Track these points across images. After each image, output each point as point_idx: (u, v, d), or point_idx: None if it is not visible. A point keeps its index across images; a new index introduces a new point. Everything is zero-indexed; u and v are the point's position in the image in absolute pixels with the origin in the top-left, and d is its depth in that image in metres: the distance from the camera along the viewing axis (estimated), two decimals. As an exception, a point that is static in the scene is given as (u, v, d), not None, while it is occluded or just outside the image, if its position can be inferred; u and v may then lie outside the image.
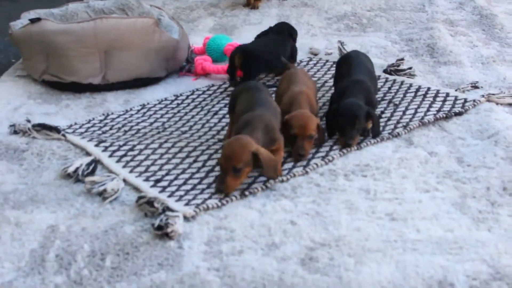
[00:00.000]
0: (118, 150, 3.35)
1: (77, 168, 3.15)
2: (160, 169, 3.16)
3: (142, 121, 3.74)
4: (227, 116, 3.64)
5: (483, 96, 3.90)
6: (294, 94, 3.45)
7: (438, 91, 3.99)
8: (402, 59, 4.46)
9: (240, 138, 2.93)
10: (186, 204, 2.86)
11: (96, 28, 4.09)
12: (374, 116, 3.42)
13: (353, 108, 3.37)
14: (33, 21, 4.19)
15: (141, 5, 4.78)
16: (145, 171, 3.15)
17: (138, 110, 3.88)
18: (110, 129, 3.64)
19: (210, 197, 2.91)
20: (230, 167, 2.87)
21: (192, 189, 2.99)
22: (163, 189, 2.99)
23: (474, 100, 3.84)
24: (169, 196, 2.93)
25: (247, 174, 2.95)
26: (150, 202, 2.83)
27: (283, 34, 4.45)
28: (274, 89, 3.87)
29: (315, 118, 3.31)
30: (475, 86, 4.08)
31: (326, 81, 4.26)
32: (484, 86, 4.12)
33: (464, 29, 5.30)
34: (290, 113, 3.33)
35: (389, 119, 3.67)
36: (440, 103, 3.84)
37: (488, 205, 2.89)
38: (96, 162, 3.24)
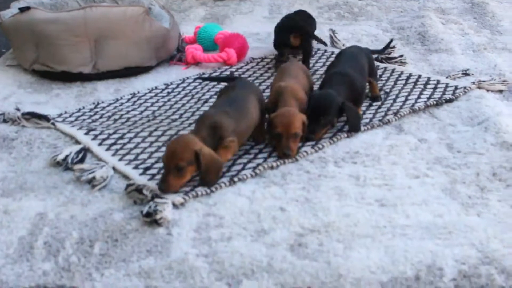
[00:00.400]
0: (107, 138, 3.34)
1: (67, 156, 3.14)
2: (149, 157, 3.15)
3: (132, 110, 3.73)
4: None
5: (473, 83, 3.90)
6: (280, 89, 3.36)
7: (429, 79, 3.99)
8: (394, 47, 4.45)
9: (183, 136, 2.87)
10: (175, 192, 2.85)
11: (86, 17, 4.07)
12: (348, 110, 3.35)
13: (320, 100, 3.33)
14: (22, 10, 4.17)
15: (131, -6, 4.77)
16: (135, 159, 3.14)
17: (128, 99, 3.87)
18: (100, 117, 3.63)
19: (199, 184, 2.90)
20: (172, 166, 2.79)
21: (181, 176, 2.98)
22: (152, 176, 2.98)
23: (464, 87, 3.84)
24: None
25: (191, 174, 2.85)
26: (139, 190, 2.82)
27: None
28: None
29: (300, 115, 3.19)
30: (466, 73, 4.09)
31: (317, 70, 4.25)
32: (475, 73, 4.12)
33: (455, 17, 5.30)
34: (276, 108, 3.26)
35: (379, 107, 3.66)
36: (431, 90, 3.84)
37: (477, 191, 2.89)
38: (85, 150, 3.23)
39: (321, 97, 3.35)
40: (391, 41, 4.27)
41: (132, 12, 4.18)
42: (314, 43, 4.42)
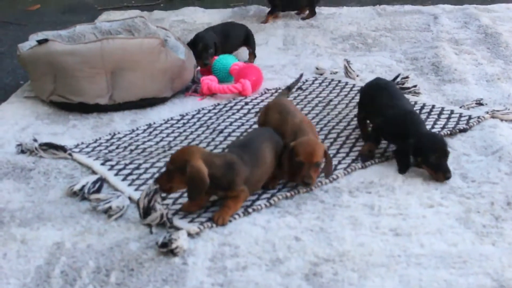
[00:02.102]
0: (124, 168, 3.38)
1: (83, 186, 3.17)
2: (165, 187, 3.18)
3: (148, 140, 3.76)
4: (233, 134, 3.69)
5: (487, 112, 3.92)
6: (296, 124, 3.33)
7: (443, 109, 4.01)
8: (407, 77, 4.48)
9: (190, 147, 3.08)
10: (191, 221, 2.89)
11: (103, 49, 4.13)
12: None
13: (442, 141, 3.30)
14: (40, 42, 4.24)
15: (147, 26, 4.83)
16: (151, 189, 3.17)
17: (144, 130, 3.91)
18: (117, 148, 3.67)
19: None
20: (166, 166, 2.91)
21: (197, 206, 3.01)
22: (167, 206, 3.00)
23: (478, 117, 3.86)
24: (174, 214, 2.95)
25: (179, 182, 2.87)
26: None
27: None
28: None
29: (322, 145, 3.19)
30: (479, 103, 4.10)
31: (331, 100, 4.28)
32: (488, 103, 4.13)
33: (469, 47, 5.31)
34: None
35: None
36: (445, 120, 3.85)
37: (492, 220, 2.90)
38: (102, 180, 3.26)
39: (439, 137, 3.35)
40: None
41: (148, 43, 4.23)
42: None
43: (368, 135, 3.65)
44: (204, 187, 2.85)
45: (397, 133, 3.41)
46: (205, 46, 4.74)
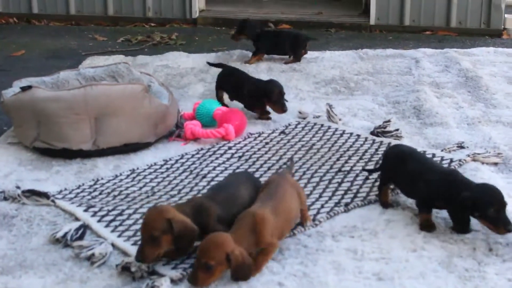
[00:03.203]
0: (107, 215, 3.38)
1: (66, 233, 3.17)
2: (148, 233, 3.17)
3: (132, 186, 3.77)
4: (216, 179, 3.71)
5: (468, 155, 3.96)
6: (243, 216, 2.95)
7: (424, 152, 4.03)
8: (389, 121, 4.52)
9: (158, 207, 2.97)
10: (173, 268, 2.88)
11: (86, 95, 4.15)
12: None
13: (497, 191, 3.10)
14: (24, 89, 4.25)
15: (131, 72, 4.86)
16: (134, 235, 3.18)
17: (128, 175, 3.92)
18: (100, 194, 3.67)
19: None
20: (146, 236, 2.82)
21: (180, 252, 3.00)
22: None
23: (460, 160, 3.89)
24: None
25: (167, 243, 2.83)
26: (126, 267, 2.87)
27: None
28: None
29: (229, 246, 2.75)
30: (461, 146, 4.15)
31: (314, 144, 4.31)
32: (469, 146, 4.18)
33: (450, 91, 5.38)
34: None
35: (376, 181, 3.70)
36: (427, 163, 3.87)
37: (474, 264, 2.91)
38: (85, 227, 3.26)
39: (492, 188, 3.14)
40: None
41: (132, 89, 4.26)
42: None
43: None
44: (195, 236, 2.87)
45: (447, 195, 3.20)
46: (279, 92, 4.74)
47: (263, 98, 4.76)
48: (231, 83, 5.09)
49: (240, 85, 4.97)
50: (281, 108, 4.72)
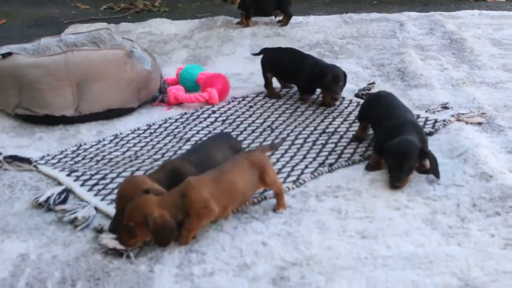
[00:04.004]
0: (90, 179, 3.35)
1: (49, 198, 3.14)
2: (132, 196, 3.15)
3: (115, 151, 3.74)
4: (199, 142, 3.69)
5: (453, 116, 3.95)
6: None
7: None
8: (373, 83, 4.51)
9: (140, 198, 2.77)
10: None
11: (68, 61, 4.10)
12: (431, 157, 3.27)
13: (403, 147, 3.21)
14: (4, 55, 4.21)
15: (113, 38, 4.80)
16: (117, 198, 3.15)
17: (111, 140, 3.89)
18: (83, 159, 3.64)
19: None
20: (123, 226, 2.72)
21: (163, 214, 2.99)
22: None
23: (444, 120, 3.89)
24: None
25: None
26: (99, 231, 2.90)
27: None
28: None
29: (150, 208, 2.69)
30: (445, 107, 4.14)
31: (298, 107, 4.29)
32: (454, 107, 4.17)
33: (434, 53, 5.37)
34: None
35: (360, 142, 3.69)
36: (411, 124, 3.87)
37: (458, 221, 2.91)
38: (67, 191, 3.23)
39: (403, 144, 3.23)
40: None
41: (113, 55, 4.22)
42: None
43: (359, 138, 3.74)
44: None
45: None
46: (335, 77, 4.22)
47: (315, 81, 4.29)
48: (283, 64, 4.50)
49: (297, 65, 4.40)
50: (331, 95, 4.22)
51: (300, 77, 4.35)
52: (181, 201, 2.73)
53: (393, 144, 3.22)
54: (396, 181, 3.19)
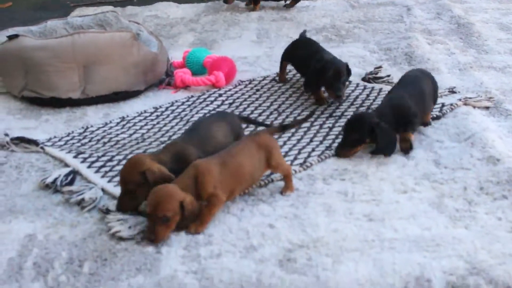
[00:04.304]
0: (96, 161, 3.35)
1: (56, 179, 3.15)
2: (138, 178, 3.16)
3: (122, 133, 3.74)
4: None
5: (460, 100, 3.94)
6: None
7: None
8: (380, 67, 4.50)
9: (134, 159, 2.85)
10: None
11: (74, 43, 4.10)
12: (380, 131, 3.28)
13: (351, 119, 3.36)
14: (10, 37, 4.20)
15: (119, 20, 4.80)
16: (124, 180, 3.15)
17: (118, 123, 3.89)
18: (89, 141, 3.64)
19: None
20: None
21: (170, 196, 2.99)
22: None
23: (451, 104, 3.87)
24: (147, 203, 2.93)
25: (143, 195, 2.79)
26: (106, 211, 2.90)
27: None
28: None
29: (180, 195, 2.68)
30: (452, 91, 4.12)
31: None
32: (461, 91, 4.16)
33: (441, 37, 5.35)
34: None
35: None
36: (418, 108, 3.86)
37: (465, 204, 2.91)
38: (74, 173, 3.23)
39: (353, 116, 3.38)
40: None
41: (120, 37, 4.21)
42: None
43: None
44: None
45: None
46: (337, 73, 3.91)
47: (317, 78, 3.99)
48: (298, 55, 4.34)
49: (306, 59, 4.19)
50: (334, 92, 3.90)
51: (306, 73, 4.16)
52: (193, 185, 2.75)
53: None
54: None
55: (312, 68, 4.02)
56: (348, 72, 4.01)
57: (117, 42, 4.20)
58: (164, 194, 2.67)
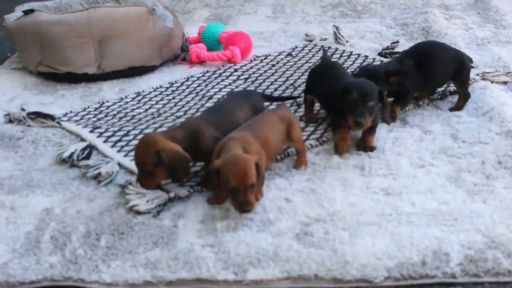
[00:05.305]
0: (113, 135, 3.36)
1: (72, 153, 3.15)
2: (155, 153, 3.15)
3: (137, 108, 3.74)
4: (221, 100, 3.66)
5: (478, 75, 3.90)
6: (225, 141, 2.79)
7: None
8: (397, 42, 4.46)
9: (144, 138, 2.81)
10: (180, 185, 2.87)
11: (90, 18, 4.09)
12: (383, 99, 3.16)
13: (365, 85, 3.08)
14: (26, 12, 4.19)
15: (135, -5, 4.78)
16: (140, 154, 3.15)
17: (133, 98, 3.88)
18: (105, 116, 3.64)
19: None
20: (142, 171, 2.78)
21: (186, 170, 2.98)
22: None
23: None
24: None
25: (162, 173, 2.78)
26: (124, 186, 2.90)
27: None
28: None
29: (252, 158, 2.61)
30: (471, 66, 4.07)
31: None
32: (479, 66, 4.11)
33: (459, 12, 5.29)
34: None
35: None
36: (435, 83, 3.83)
37: (483, 178, 2.89)
38: (91, 147, 3.24)
39: (365, 82, 3.09)
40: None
41: (135, 12, 4.19)
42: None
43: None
44: (188, 163, 2.78)
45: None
46: (363, 96, 3.04)
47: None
48: (321, 87, 3.41)
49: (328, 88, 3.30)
50: (353, 119, 3.03)
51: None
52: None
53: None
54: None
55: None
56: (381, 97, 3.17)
57: (132, 16, 4.18)
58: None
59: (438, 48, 3.60)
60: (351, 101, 3.03)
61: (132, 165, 3.02)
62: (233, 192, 2.58)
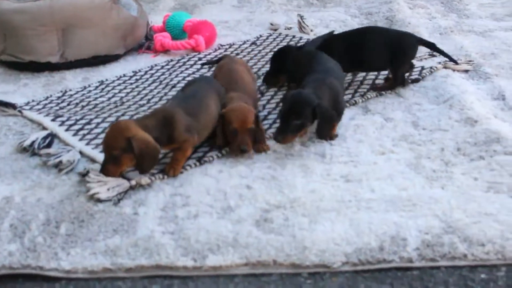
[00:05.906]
0: (75, 124, 3.34)
1: (33, 142, 3.13)
2: (117, 141, 3.15)
3: (100, 97, 3.73)
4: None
5: (439, 63, 3.94)
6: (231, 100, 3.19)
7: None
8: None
9: (117, 123, 2.81)
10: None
11: (53, 6, 4.06)
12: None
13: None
14: (-13, 1, 4.16)
15: (99, -16, 4.75)
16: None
17: (97, 87, 3.87)
18: (68, 105, 3.63)
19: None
20: (108, 155, 2.78)
21: (148, 158, 2.98)
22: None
23: (431, 67, 3.88)
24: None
25: (129, 161, 2.77)
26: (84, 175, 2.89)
27: None
28: None
29: (253, 109, 3.08)
30: (432, 55, 4.12)
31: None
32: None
33: (423, 2, 5.34)
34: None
35: (346, 88, 3.68)
36: (397, 71, 3.86)
37: (442, 165, 2.92)
38: (52, 136, 3.22)
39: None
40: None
41: (99, 0, 4.17)
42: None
43: None
44: (157, 155, 2.78)
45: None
46: (294, 110, 2.98)
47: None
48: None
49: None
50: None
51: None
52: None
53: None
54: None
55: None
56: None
57: (96, 5, 4.16)
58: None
59: (372, 33, 3.67)
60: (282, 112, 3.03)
61: (94, 154, 3.03)
62: (234, 135, 2.99)
